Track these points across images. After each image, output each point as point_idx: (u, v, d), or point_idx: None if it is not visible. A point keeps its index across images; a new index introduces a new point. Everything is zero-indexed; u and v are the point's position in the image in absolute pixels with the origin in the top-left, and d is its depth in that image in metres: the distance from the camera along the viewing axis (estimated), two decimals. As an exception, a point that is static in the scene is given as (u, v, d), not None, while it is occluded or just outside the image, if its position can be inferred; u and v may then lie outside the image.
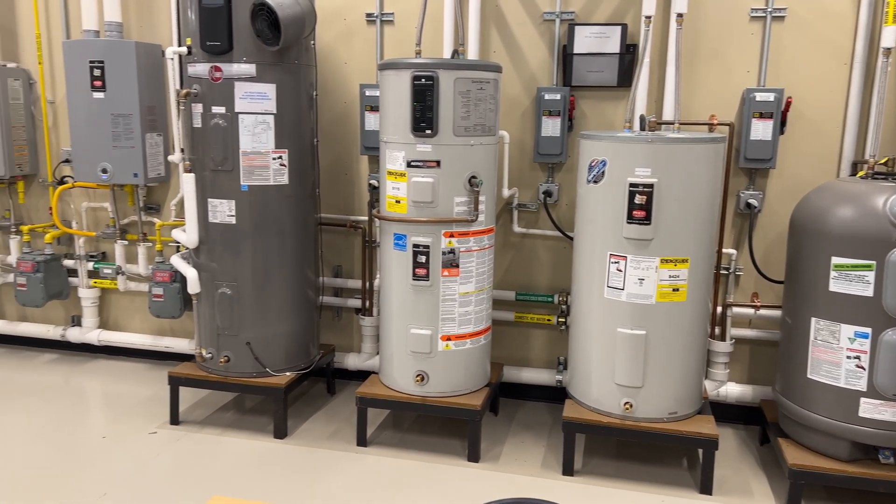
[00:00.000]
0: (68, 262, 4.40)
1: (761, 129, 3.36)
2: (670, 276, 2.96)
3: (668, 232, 2.92)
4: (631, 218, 2.94)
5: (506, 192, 3.66)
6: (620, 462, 3.31)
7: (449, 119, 3.08)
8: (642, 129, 3.13)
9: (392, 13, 3.77)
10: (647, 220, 2.91)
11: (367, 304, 3.97)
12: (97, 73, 3.82)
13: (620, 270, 3.00)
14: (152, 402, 3.85)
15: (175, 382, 3.56)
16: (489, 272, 3.35)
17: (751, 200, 3.48)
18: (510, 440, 3.51)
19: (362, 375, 4.07)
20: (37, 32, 4.18)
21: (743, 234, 3.58)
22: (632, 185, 2.91)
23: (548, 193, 3.70)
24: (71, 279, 4.43)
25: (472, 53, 3.59)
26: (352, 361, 4.05)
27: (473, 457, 3.28)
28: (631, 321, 3.01)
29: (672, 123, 3.18)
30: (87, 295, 4.38)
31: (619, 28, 3.48)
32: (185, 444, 3.39)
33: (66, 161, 4.29)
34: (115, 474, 3.10)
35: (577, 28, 3.52)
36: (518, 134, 3.74)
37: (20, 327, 4.55)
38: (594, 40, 3.53)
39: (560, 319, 3.73)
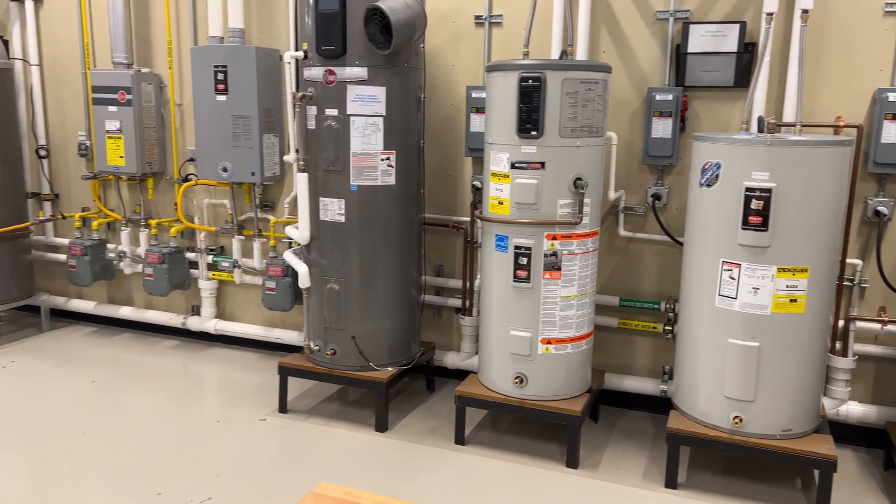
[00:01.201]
0: (190, 255, 4.69)
1: (894, 132, 3.13)
2: (788, 286, 2.81)
3: (786, 239, 2.77)
4: (746, 224, 2.81)
5: (612, 195, 3.59)
6: (728, 478, 3.17)
7: (555, 120, 3.05)
8: (760, 130, 2.98)
9: (500, 15, 3.78)
10: (763, 226, 2.77)
11: (468, 303, 4.00)
12: (220, 76, 4.05)
13: (733, 278, 2.87)
14: (262, 390, 4.05)
15: (284, 372, 3.73)
16: (592, 276, 3.30)
17: (880, 208, 3.25)
18: (611, 448, 3.44)
19: (461, 374, 4.11)
20: (168, 39, 4.48)
21: (870, 243, 3.34)
22: (748, 189, 2.79)
23: (657, 196, 3.60)
24: (192, 271, 4.72)
25: (580, 54, 3.54)
26: (451, 360, 4.09)
27: (572, 463, 3.24)
28: (743, 332, 2.88)
29: (793, 125, 3.01)
30: (206, 286, 4.66)
31: (736, 26, 3.34)
32: (292, 431, 3.53)
33: (191, 160, 4.58)
34: (228, 456, 3.28)
35: (691, 27, 3.40)
36: (626, 135, 3.65)
37: (146, 314, 4.90)
38: (710, 39, 3.40)
39: (666, 327, 3.62)
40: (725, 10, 3.41)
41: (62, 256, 5.07)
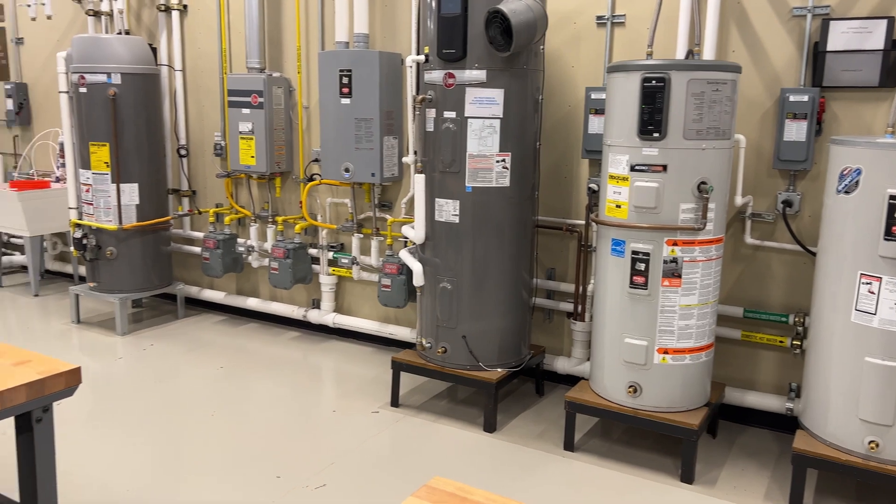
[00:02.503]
0: (312, 251, 4.91)
1: None
2: (937, 303, 2.57)
3: (937, 252, 2.54)
4: (889, 234, 2.60)
5: (738, 200, 3.42)
6: (860, 508, 2.95)
7: (679, 122, 2.95)
8: (909, 133, 2.75)
9: (623, 15, 3.70)
10: (910, 237, 2.55)
11: (580, 308, 3.94)
12: (345, 80, 4.22)
13: (873, 293, 2.66)
14: (375, 383, 4.17)
15: (397, 367, 3.82)
16: (715, 285, 3.16)
17: None
18: (729, 465, 3.28)
19: (571, 380, 4.06)
20: (297, 44, 4.71)
21: None
22: (892, 197, 2.58)
23: (787, 203, 3.40)
24: (314, 266, 4.94)
25: (708, 53, 3.41)
26: (561, 365, 4.04)
27: (687, 478, 3.12)
28: (883, 350, 2.67)
29: (949, 127, 2.75)
30: (326, 281, 4.86)
31: (883, 22, 3.09)
32: (403, 426, 3.62)
33: (316, 160, 4.79)
34: (342, 445, 3.40)
35: (832, 23, 3.19)
36: (756, 138, 3.47)
37: (271, 306, 5.17)
38: (852, 36, 3.17)
39: (795, 342, 3.41)
40: (871, 6, 3.17)
41: (197, 249, 5.44)
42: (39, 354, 2.07)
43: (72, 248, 5.15)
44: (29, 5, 5.84)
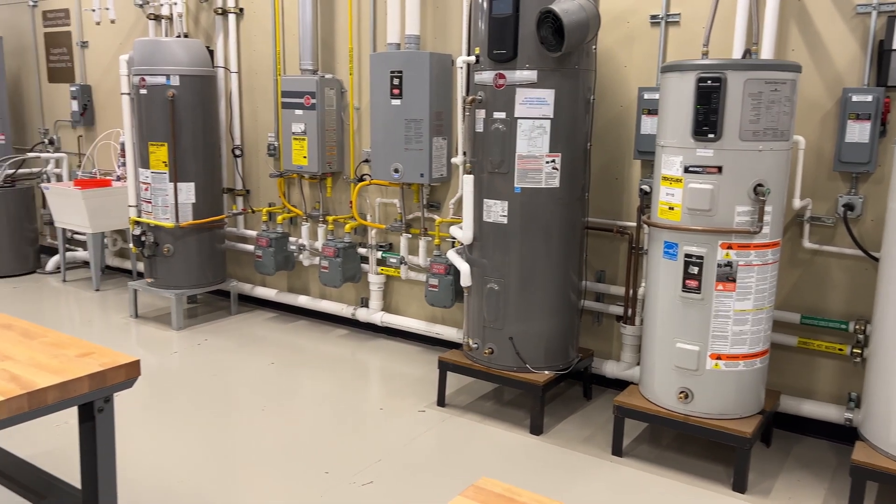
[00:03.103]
0: (362, 250, 4.96)
1: None
2: None
3: None
4: (959, 240, 2.49)
5: (797, 203, 3.32)
6: (923, 524, 2.83)
7: (735, 122, 2.88)
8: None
9: (678, 14, 3.64)
10: (981, 243, 2.44)
11: (630, 312, 3.88)
12: (396, 81, 4.25)
13: (940, 300, 2.55)
14: (422, 382, 4.19)
15: (444, 367, 3.83)
16: (771, 290, 3.08)
17: None
18: (784, 476, 3.19)
19: (619, 384, 4.01)
20: (349, 46, 4.77)
21: None
22: (963, 200, 2.47)
23: (849, 207, 3.29)
24: (363, 265, 4.99)
25: (766, 53, 3.32)
26: (610, 369, 3.99)
27: (739, 487, 3.05)
28: (950, 361, 2.55)
29: None
30: (374, 280, 4.91)
31: (956, 16, 2.97)
32: (449, 425, 3.63)
33: (366, 161, 4.84)
34: (388, 443, 3.43)
35: (899, 19, 3.07)
36: (815, 139, 3.37)
37: (320, 304, 5.25)
38: (921, 32, 3.05)
39: (855, 350, 3.29)
40: (943, 0, 3.04)
41: (250, 247, 5.56)
42: (101, 347, 2.15)
43: (131, 245, 5.32)
44: (94, 10, 6.06)
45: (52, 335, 2.26)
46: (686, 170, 3.01)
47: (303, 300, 5.32)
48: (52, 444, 3.31)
